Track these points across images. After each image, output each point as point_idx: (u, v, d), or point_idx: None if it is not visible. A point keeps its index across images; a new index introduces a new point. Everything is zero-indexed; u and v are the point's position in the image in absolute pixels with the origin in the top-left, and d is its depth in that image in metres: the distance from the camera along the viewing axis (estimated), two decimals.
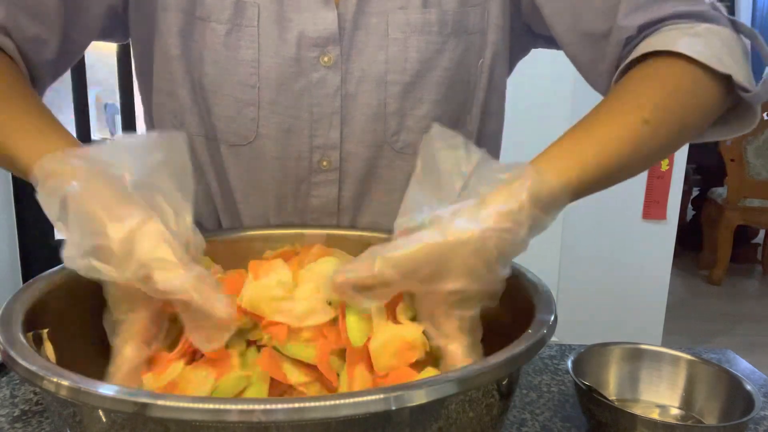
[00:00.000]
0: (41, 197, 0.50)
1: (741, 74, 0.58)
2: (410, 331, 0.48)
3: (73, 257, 0.47)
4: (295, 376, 0.48)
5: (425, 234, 0.47)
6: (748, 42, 0.64)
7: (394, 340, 0.47)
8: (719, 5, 0.64)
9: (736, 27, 0.63)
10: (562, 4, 0.68)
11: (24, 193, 2.43)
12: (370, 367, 0.48)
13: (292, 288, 0.52)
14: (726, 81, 0.58)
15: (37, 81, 0.69)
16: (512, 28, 0.75)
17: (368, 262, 0.47)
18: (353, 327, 0.48)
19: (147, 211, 0.47)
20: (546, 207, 0.50)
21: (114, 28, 0.76)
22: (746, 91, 0.59)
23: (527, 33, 0.78)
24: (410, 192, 0.53)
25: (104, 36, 0.77)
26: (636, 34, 0.63)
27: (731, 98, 0.61)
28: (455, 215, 0.48)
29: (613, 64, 0.67)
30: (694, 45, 0.58)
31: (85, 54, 0.76)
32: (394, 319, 0.50)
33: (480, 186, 0.51)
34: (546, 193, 0.50)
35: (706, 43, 0.58)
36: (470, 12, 0.72)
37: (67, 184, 0.48)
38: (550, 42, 0.76)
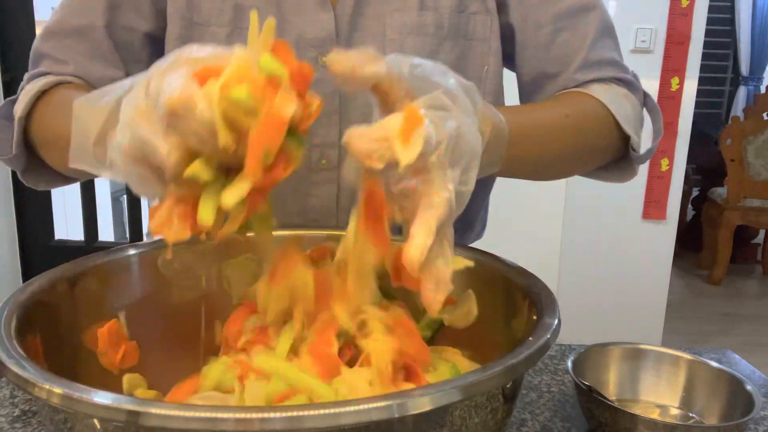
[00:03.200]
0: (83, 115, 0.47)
1: (635, 138, 0.74)
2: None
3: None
4: None
5: None
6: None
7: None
8: (638, 76, 0.79)
9: (646, 98, 0.79)
10: (531, 38, 0.76)
11: (24, 192, 2.43)
12: None
13: None
14: (623, 136, 0.73)
15: None
16: None
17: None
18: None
19: None
20: (483, 121, 0.51)
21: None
22: (635, 151, 0.74)
23: None
24: None
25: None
26: (580, 84, 0.76)
27: (621, 152, 0.76)
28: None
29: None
30: (616, 104, 0.73)
31: None
32: None
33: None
34: (483, 109, 0.52)
35: (622, 105, 0.73)
36: (470, 18, 0.73)
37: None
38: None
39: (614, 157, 0.77)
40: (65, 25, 0.74)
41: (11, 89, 2.43)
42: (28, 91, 0.71)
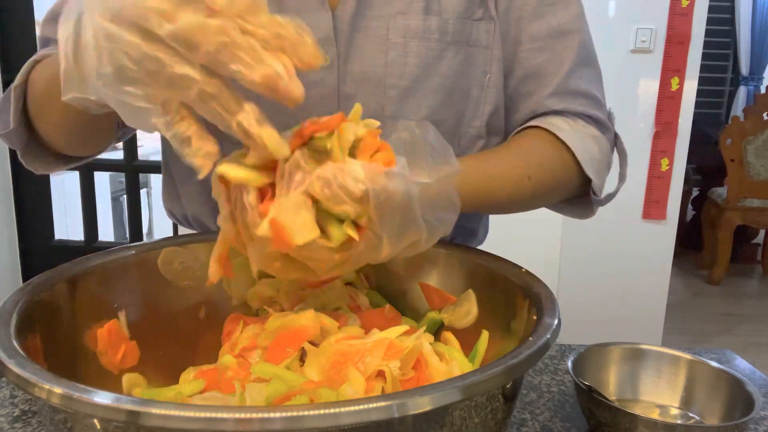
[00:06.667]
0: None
1: (597, 181, 0.75)
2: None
3: None
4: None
5: None
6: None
7: None
8: (614, 117, 0.80)
9: (617, 140, 0.81)
10: (509, 54, 0.76)
11: (24, 192, 2.43)
12: None
13: None
14: (586, 178, 0.74)
15: None
16: None
17: None
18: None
19: None
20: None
21: None
22: (594, 194, 0.76)
23: None
24: None
25: None
26: (549, 112, 0.76)
27: (583, 190, 0.77)
28: None
29: (522, 120, 0.78)
30: (580, 145, 0.73)
31: None
32: None
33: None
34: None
35: (587, 148, 0.74)
36: (473, 25, 0.73)
37: None
38: None
39: (576, 192, 0.78)
40: None
41: None
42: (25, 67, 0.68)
